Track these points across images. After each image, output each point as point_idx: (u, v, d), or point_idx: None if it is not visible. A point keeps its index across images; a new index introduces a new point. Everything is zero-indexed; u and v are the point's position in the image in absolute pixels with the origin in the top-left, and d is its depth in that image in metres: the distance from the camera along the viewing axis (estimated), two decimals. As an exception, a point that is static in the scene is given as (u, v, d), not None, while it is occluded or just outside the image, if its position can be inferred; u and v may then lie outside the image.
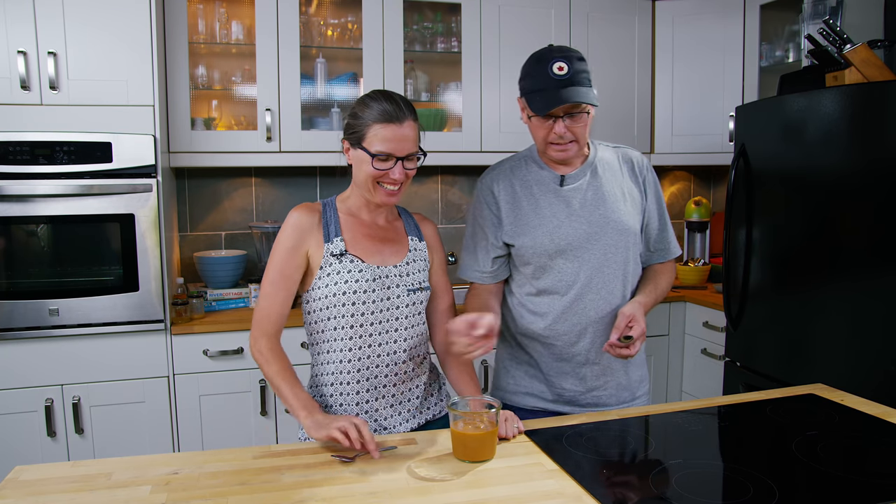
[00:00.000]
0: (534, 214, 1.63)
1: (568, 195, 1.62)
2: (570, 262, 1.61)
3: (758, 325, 2.57)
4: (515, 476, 1.22)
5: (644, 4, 3.24)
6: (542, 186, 1.64)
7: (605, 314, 1.63)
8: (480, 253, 1.70)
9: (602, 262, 1.61)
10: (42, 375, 2.42)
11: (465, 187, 3.48)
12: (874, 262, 2.11)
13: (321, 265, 1.47)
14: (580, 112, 1.52)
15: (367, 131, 1.43)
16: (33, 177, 2.35)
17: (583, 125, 1.54)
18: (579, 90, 1.49)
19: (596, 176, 1.64)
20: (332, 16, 3.04)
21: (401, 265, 1.53)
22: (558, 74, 1.50)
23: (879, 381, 2.08)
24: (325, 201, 1.55)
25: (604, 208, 1.62)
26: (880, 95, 2.09)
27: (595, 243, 1.61)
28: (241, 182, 3.17)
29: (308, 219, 1.49)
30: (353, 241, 1.50)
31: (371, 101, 1.45)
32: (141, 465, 1.26)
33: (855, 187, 2.16)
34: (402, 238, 1.58)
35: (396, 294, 1.50)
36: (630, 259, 1.65)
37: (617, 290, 1.63)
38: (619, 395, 1.69)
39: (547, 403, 1.69)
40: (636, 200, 1.66)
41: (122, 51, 2.42)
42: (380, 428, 1.52)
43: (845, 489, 1.15)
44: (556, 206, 1.62)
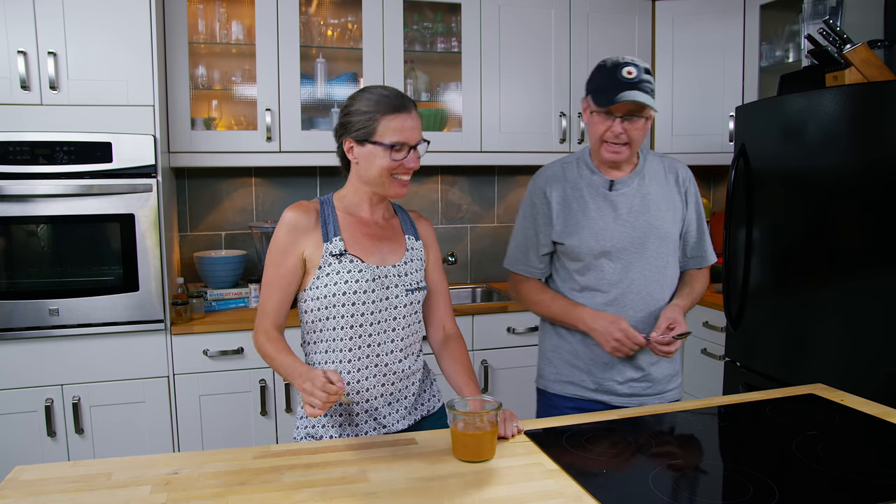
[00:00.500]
0: (582, 216, 1.72)
1: (616, 200, 1.72)
2: (613, 263, 1.71)
3: (758, 325, 2.57)
4: (515, 476, 1.22)
5: (644, 4, 3.25)
6: (592, 190, 1.73)
7: (645, 314, 1.72)
8: (530, 250, 1.81)
9: (644, 265, 1.71)
10: (42, 375, 2.42)
11: (465, 187, 3.48)
12: (874, 262, 2.11)
13: (320, 265, 1.46)
14: (639, 116, 1.62)
15: (377, 125, 1.43)
16: (33, 177, 2.35)
17: (639, 129, 1.63)
18: (643, 94, 1.59)
19: (643, 184, 1.73)
20: (332, 16, 3.04)
21: (399, 265, 1.52)
22: (626, 77, 1.60)
23: (879, 381, 2.08)
24: (322, 199, 1.54)
25: (648, 215, 1.71)
26: (880, 95, 2.09)
27: (638, 247, 1.70)
28: (241, 182, 3.17)
29: (304, 218, 1.48)
30: (352, 240, 1.49)
31: (371, 96, 1.45)
32: (141, 465, 1.26)
33: (855, 187, 2.16)
34: (399, 237, 1.58)
35: (395, 294, 1.50)
36: (669, 264, 1.75)
37: (656, 292, 1.72)
38: (655, 387, 1.77)
39: (587, 392, 1.77)
40: (677, 210, 1.76)
41: (122, 51, 2.42)
42: (378, 426, 1.52)
43: (845, 489, 1.15)
44: (604, 210, 1.71)
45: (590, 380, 1.76)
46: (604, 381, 1.75)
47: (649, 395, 1.77)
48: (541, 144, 3.17)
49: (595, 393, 1.76)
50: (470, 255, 3.52)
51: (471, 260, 3.53)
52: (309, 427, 1.52)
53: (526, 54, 3.12)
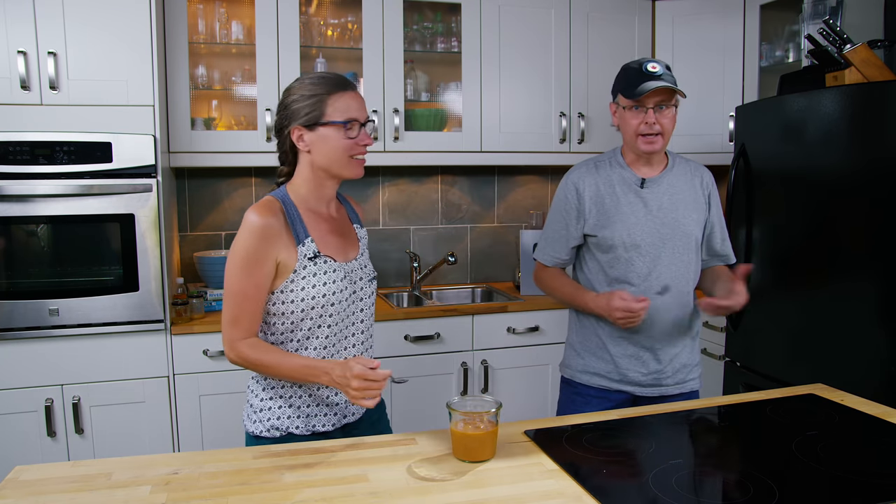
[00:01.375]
0: (615, 210, 1.81)
1: (646, 196, 1.81)
2: (642, 257, 1.80)
3: (758, 325, 2.57)
4: (515, 476, 1.22)
5: (644, 4, 3.24)
6: (624, 186, 1.83)
7: (671, 307, 1.81)
8: (558, 242, 1.91)
9: (671, 260, 1.80)
10: (42, 375, 2.42)
11: (465, 187, 3.48)
12: (874, 262, 2.11)
13: (295, 269, 1.43)
14: (668, 106, 1.73)
15: (325, 105, 1.43)
16: (33, 177, 2.35)
17: (670, 118, 1.75)
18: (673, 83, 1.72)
19: (672, 183, 1.83)
20: (332, 16, 3.04)
21: (359, 257, 1.57)
22: (651, 70, 1.73)
23: (879, 381, 2.08)
24: (280, 197, 1.47)
25: (675, 214, 1.80)
26: (880, 95, 2.09)
27: (666, 243, 1.80)
28: (241, 182, 3.17)
29: (275, 222, 1.41)
30: (321, 240, 1.48)
31: (311, 79, 1.46)
32: (141, 465, 1.26)
33: (855, 187, 2.16)
34: (350, 228, 1.61)
35: (360, 287, 1.55)
36: (692, 261, 1.84)
37: (682, 286, 1.82)
38: (676, 377, 1.86)
39: (612, 383, 1.86)
40: (701, 212, 1.85)
41: (122, 51, 2.42)
42: (340, 417, 1.53)
43: (845, 489, 1.15)
44: (636, 205, 1.81)
45: (615, 371, 1.85)
46: (628, 372, 1.84)
47: (670, 385, 1.86)
48: (541, 144, 3.17)
49: (619, 384, 1.85)
50: (470, 255, 3.52)
51: (471, 260, 3.53)
52: (273, 419, 1.50)
53: (526, 54, 3.11)
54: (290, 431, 1.49)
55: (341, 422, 1.54)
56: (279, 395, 1.51)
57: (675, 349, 1.85)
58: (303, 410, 1.51)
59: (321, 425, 1.51)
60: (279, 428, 1.50)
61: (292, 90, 1.48)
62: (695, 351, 1.92)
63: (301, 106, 1.44)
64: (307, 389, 1.51)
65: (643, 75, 1.73)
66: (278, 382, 1.52)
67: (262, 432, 1.50)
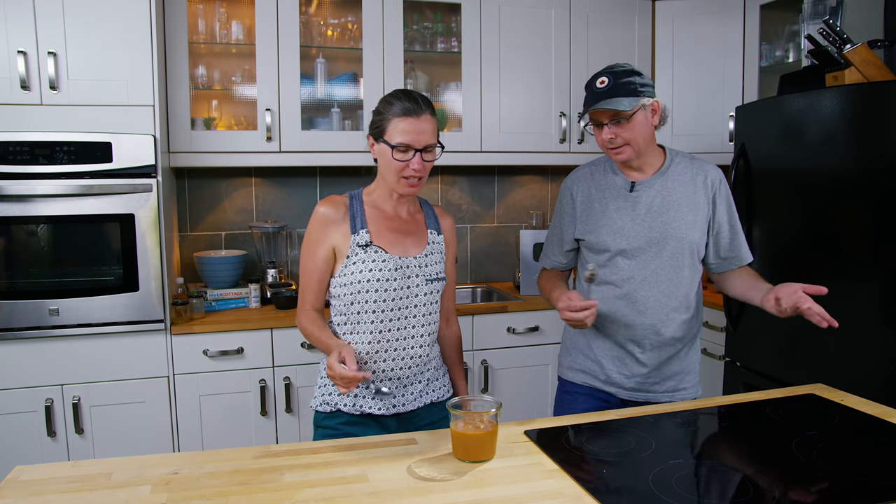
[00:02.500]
0: (602, 215, 1.80)
1: (635, 200, 1.78)
2: (629, 261, 1.76)
3: (758, 325, 2.57)
4: (515, 476, 1.22)
5: (644, 4, 3.25)
6: (613, 191, 1.81)
7: (656, 311, 1.75)
8: (555, 246, 1.93)
9: (658, 265, 1.75)
10: (42, 375, 2.42)
11: (466, 187, 3.48)
12: (874, 261, 2.11)
13: (348, 254, 1.58)
14: (622, 119, 1.68)
15: (388, 125, 1.54)
16: (33, 177, 2.35)
17: (629, 130, 1.69)
18: (611, 100, 1.66)
19: (665, 185, 1.78)
20: (332, 16, 3.04)
21: (420, 256, 1.63)
22: (598, 88, 1.69)
23: (879, 381, 2.08)
24: (352, 193, 1.66)
25: (666, 217, 1.75)
26: (880, 95, 2.09)
27: (652, 248, 1.75)
28: (241, 182, 3.17)
29: (333, 212, 1.61)
30: (378, 232, 1.61)
31: (392, 99, 1.57)
32: (141, 465, 1.26)
33: (855, 187, 2.16)
34: (422, 230, 1.68)
35: (416, 283, 1.61)
36: (685, 265, 1.77)
37: (668, 290, 1.76)
38: (665, 384, 1.80)
39: (598, 382, 1.84)
40: (700, 213, 1.78)
41: (122, 51, 2.42)
42: (388, 406, 1.60)
43: (845, 489, 1.15)
44: (624, 209, 1.78)
45: (601, 371, 1.82)
46: (612, 373, 1.81)
47: (658, 392, 1.80)
48: (541, 144, 3.17)
49: (604, 384, 1.82)
50: (470, 255, 3.52)
51: (471, 260, 3.53)
52: (326, 395, 1.63)
53: (526, 54, 3.12)
54: (338, 408, 1.61)
55: (390, 410, 1.61)
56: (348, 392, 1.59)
57: (661, 354, 1.77)
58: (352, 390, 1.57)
59: (368, 407, 1.60)
60: (329, 403, 1.62)
61: (379, 103, 1.61)
62: (689, 358, 1.83)
63: (375, 118, 1.59)
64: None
65: (591, 95, 1.71)
66: None
67: (317, 406, 1.64)
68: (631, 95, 1.67)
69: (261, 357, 2.64)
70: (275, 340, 2.64)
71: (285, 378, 2.66)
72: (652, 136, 1.76)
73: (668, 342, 1.77)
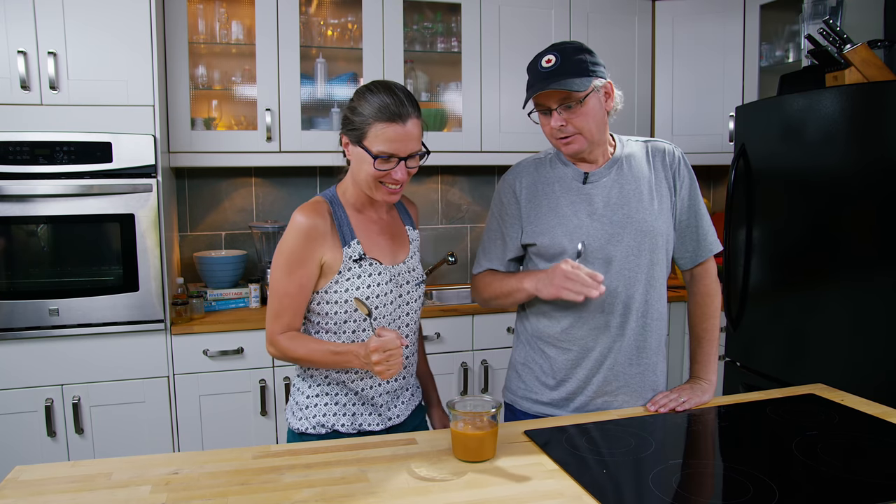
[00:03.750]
0: (553, 213, 1.56)
1: (591, 193, 1.56)
2: (591, 264, 1.52)
3: (758, 325, 2.57)
4: (515, 476, 1.22)
5: (644, 4, 3.24)
6: (563, 184, 1.58)
7: (625, 318, 1.56)
8: (496, 252, 1.66)
9: (623, 264, 1.54)
10: (42, 375, 2.42)
11: (466, 187, 3.48)
12: (874, 261, 2.11)
13: (340, 270, 1.44)
14: (574, 102, 1.46)
15: (369, 130, 1.37)
16: (33, 177, 2.35)
17: (582, 116, 1.47)
18: (561, 80, 1.43)
19: (621, 173, 1.57)
20: (332, 16, 3.04)
21: (408, 260, 1.55)
22: (545, 67, 1.46)
23: (879, 381, 2.08)
24: (328, 198, 1.49)
25: (627, 208, 1.54)
26: (880, 95, 2.09)
27: (617, 244, 1.53)
28: (241, 182, 3.17)
29: (321, 224, 1.42)
30: (368, 242, 1.49)
31: (371, 96, 1.38)
32: (141, 465, 1.26)
33: (855, 187, 2.16)
34: (402, 230, 1.59)
35: (407, 290, 1.54)
36: (656, 261, 1.56)
37: (639, 293, 1.56)
38: (631, 403, 1.60)
39: (554, 410, 1.62)
40: (665, 197, 1.58)
41: (122, 51, 2.42)
42: (384, 420, 1.54)
43: (845, 489, 1.15)
44: (578, 206, 1.55)
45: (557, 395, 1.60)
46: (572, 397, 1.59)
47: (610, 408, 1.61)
48: (541, 144, 3.12)
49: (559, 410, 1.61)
50: (470, 256, 3.52)
51: (471, 260, 3.53)
52: (319, 416, 1.51)
53: (526, 54, 3.07)
54: (335, 429, 1.50)
55: (386, 423, 1.54)
56: (325, 392, 1.52)
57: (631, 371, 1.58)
58: (348, 408, 1.52)
59: (367, 424, 1.52)
60: (325, 425, 1.51)
61: (355, 96, 1.43)
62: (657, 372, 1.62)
63: (354, 119, 1.40)
64: (352, 387, 1.52)
65: (536, 75, 1.46)
66: (324, 380, 1.53)
67: (308, 429, 1.51)
68: (583, 75, 1.45)
69: (261, 357, 2.64)
70: (275, 340, 2.64)
71: (285, 378, 2.66)
72: (605, 123, 1.53)
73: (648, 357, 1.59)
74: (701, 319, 1.67)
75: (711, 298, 1.67)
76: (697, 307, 1.68)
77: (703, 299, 1.67)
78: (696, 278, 1.68)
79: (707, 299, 1.67)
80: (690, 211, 1.62)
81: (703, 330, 1.66)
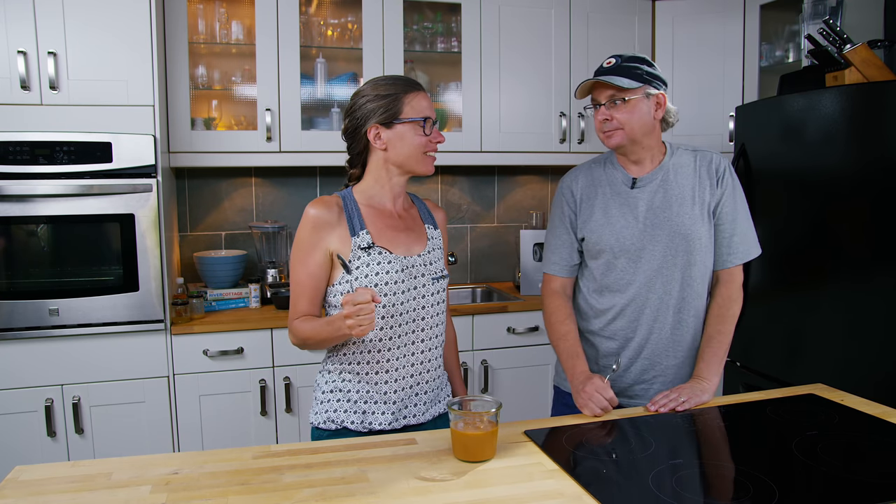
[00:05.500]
0: (602, 213, 1.71)
1: (636, 197, 1.69)
2: (630, 263, 1.68)
3: (758, 325, 2.57)
4: (515, 476, 1.22)
5: (644, 4, 3.24)
6: (613, 187, 1.72)
7: (661, 315, 1.68)
8: (561, 248, 1.79)
9: (661, 264, 1.66)
10: (42, 375, 2.42)
11: (466, 187, 3.48)
12: (874, 261, 2.11)
13: (349, 259, 1.48)
14: (619, 99, 1.61)
15: (402, 105, 1.48)
16: (33, 177, 2.35)
17: (626, 112, 1.62)
18: (612, 77, 1.60)
19: (667, 180, 1.69)
20: (332, 16, 3.04)
21: (424, 254, 1.56)
22: (604, 67, 1.64)
23: (879, 381, 2.08)
24: (342, 194, 1.55)
25: (668, 212, 1.66)
26: (880, 95, 2.09)
27: (655, 246, 1.66)
28: (241, 182, 3.17)
29: (327, 214, 1.49)
30: (378, 232, 1.52)
31: (384, 80, 1.51)
32: (141, 465, 1.26)
33: (855, 187, 2.16)
34: (420, 226, 1.61)
35: (422, 283, 1.54)
36: (693, 262, 1.67)
37: (674, 291, 1.67)
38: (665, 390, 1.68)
39: None
40: (706, 204, 1.69)
41: (122, 51, 2.42)
42: (398, 417, 1.54)
43: (845, 489, 1.15)
44: (624, 208, 1.69)
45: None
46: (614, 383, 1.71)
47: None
48: (541, 144, 3.17)
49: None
50: (470, 255, 3.52)
51: (471, 260, 3.53)
52: (330, 412, 1.54)
53: (526, 54, 3.11)
54: (345, 426, 1.53)
55: (400, 421, 1.55)
56: (338, 388, 1.54)
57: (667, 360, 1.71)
58: (359, 406, 1.53)
59: (377, 423, 1.53)
60: (335, 420, 1.53)
61: (363, 92, 1.51)
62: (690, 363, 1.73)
63: (377, 105, 1.48)
64: (367, 379, 1.52)
65: (596, 71, 1.65)
66: (339, 376, 1.55)
67: (320, 423, 1.55)
68: (634, 79, 1.61)
69: (261, 357, 2.64)
70: (275, 340, 2.64)
71: (285, 378, 2.66)
72: (652, 128, 1.67)
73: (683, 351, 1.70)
74: (716, 321, 1.70)
75: (732, 303, 1.72)
76: (717, 308, 1.72)
77: (724, 302, 1.72)
78: (721, 282, 1.74)
79: (728, 303, 1.72)
80: (728, 218, 1.71)
81: (717, 332, 1.69)
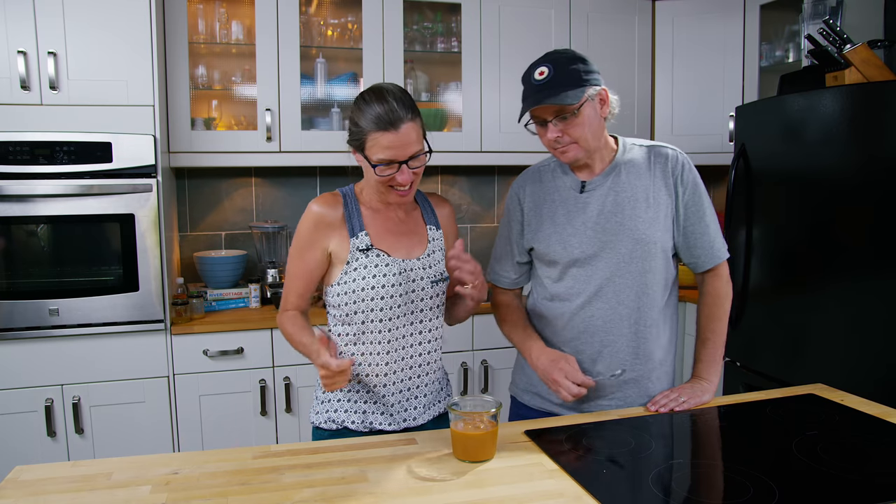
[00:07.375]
0: (550, 221, 1.61)
1: (586, 202, 1.58)
2: (582, 271, 1.57)
3: (758, 325, 2.57)
4: (515, 476, 1.22)
5: (644, 4, 3.24)
6: (562, 193, 1.62)
7: (615, 324, 1.57)
8: (504, 259, 1.73)
9: (614, 271, 1.55)
10: (42, 375, 2.42)
11: (465, 187, 3.48)
12: (874, 261, 2.11)
13: (347, 260, 1.49)
14: (568, 114, 1.47)
15: (366, 140, 1.41)
16: (33, 177, 2.35)
17: (579, 126, 1.48)
18: (555, 93, 1.44)
19: (618, 181, 1.57)
20: (332, 16, 3.04)
21: (423, 257, 1.55)
22: (537, 80, 1.47)
23: (879, 381, 2.08)
24: (344, 192, 1.55)
25: (621, 216, 1.55)
26: (880, 95, 2.09)
27: (608, 252, 1.55)
28: (241, 182, 3.17)
29: (330, 213, 1.50)
30: (377, 235, 1.52)
31: (365, 106, 1.41)
32: (141, 465, 1.26)
33: (855, 187, 2.16)
34: (421, 229, 1.59)
35: (421, 287, 1.52)
36: (650, 269, 1.56)
37: (629, 300, 1.56)
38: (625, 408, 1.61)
39: (552, 406, 1.66)
40: (663, 205, 1.56)
41: (122, 51, 2.42)
42: (398, 420, 1.54)
43: (845, 489, 1.15)
44: (573, 214, 1.59)
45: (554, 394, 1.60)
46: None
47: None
48: (540, 144, 3.16)
49: (559, 407, 1.64)
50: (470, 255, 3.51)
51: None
52: (331, 411, 1.55)
53: (526, 54, 3.07)
54: (345, 425, 1.54)
55: (400, 424, 1.55)
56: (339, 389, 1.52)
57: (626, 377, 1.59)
58: (359, 406, 1.54)
59: (378, 424, 1.53)
60: (335, 420, 1.54)
61: (353, 107, 1.46)
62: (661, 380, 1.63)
63: (353, 129, 1.46)
64: (366, 381, 1.53)
65: (530, 88, 1.48)
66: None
67: (321, 423, 1.56)
68: (576, 86, 1.45)
69: (261, 357, 2.64)
70: (275, 340, 2.64)
71: (285, 378, 2.66)
72: (602, 130, 1.55)
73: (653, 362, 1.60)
74: (708, 321, 1.66)
75: (721, 300, 1.65)
76: (706, 307, 1.67)
77: (713, 300, 1.66)
78: (706, 280, 1.67)
79: (717, 300, 1.66)
80: (696, 217, 1.59)
81: (711, 331, 1.65)
